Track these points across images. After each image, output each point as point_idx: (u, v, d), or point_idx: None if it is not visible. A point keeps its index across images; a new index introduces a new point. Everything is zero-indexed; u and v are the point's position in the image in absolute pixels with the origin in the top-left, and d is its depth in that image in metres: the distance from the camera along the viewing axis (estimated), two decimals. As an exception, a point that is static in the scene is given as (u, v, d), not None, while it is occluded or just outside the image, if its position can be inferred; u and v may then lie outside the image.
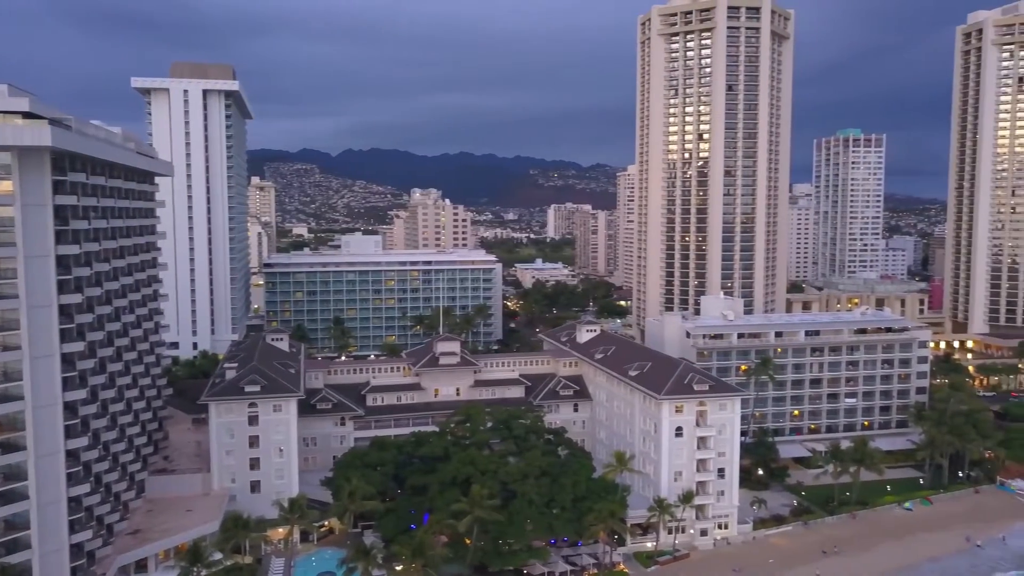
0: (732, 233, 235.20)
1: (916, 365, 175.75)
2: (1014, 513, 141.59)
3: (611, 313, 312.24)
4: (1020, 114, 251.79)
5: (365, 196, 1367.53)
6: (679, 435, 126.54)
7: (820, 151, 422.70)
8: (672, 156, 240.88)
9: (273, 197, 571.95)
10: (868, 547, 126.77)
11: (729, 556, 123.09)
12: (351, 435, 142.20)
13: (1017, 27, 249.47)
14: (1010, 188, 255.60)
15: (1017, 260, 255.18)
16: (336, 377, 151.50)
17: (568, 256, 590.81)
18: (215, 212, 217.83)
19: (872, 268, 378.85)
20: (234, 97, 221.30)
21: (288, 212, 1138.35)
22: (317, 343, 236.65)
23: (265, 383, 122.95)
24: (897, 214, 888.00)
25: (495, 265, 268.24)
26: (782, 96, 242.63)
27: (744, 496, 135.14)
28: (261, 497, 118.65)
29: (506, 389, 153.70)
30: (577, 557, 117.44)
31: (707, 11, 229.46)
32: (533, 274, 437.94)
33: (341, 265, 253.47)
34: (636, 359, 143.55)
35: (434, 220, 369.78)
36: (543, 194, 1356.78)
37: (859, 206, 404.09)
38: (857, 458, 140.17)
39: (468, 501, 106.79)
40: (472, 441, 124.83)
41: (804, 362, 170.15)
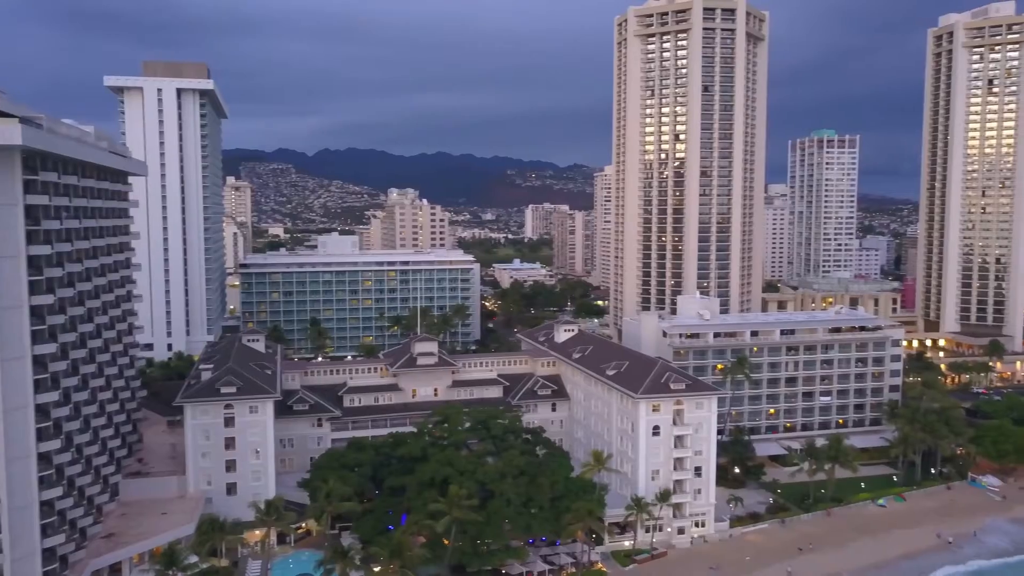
0: (708, 233, 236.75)
1: (889, 363, 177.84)
2: (985, 509, 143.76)
3: (589, 313, 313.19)
4: (990, 116, 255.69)
5: (342, 196, 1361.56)
6: (656, 434, 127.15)
7: (795, 151, 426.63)
8: (649, 156, 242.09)
9: (249, 197, 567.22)
10: (842, 544, 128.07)
11: (706, 554, 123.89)
12: (328, 436, 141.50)
13: (987, 30, 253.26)
14: (980, 189, 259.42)
15: (987, 260, 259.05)
16: (313, 378, 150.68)
17: (546, 256, 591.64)
18: (190, 212, 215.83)
19: (846, 268, 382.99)
20: (209, 96, 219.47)
21: (264, 212, 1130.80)
22: (294, 344, 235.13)
23: (241, 384, 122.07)
24: (870, 214, 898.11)
25: (473, 265, 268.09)
26: (757, 97, 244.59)
27: (721, 494, 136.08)
28: (237, 499, 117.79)
29: (484, 389, 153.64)
30: (555, 556, 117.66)
31: (683, 12, 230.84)
32: (511, 274, 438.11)
33: (318, 265, 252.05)
34: (613, 358, 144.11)
35: (411, 220, 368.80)
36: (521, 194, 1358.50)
37: (833, 206, 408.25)
38: (832, 456, 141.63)
39: (446, 501, 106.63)
40: (450, 441, 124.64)
41: (779, 361, 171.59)
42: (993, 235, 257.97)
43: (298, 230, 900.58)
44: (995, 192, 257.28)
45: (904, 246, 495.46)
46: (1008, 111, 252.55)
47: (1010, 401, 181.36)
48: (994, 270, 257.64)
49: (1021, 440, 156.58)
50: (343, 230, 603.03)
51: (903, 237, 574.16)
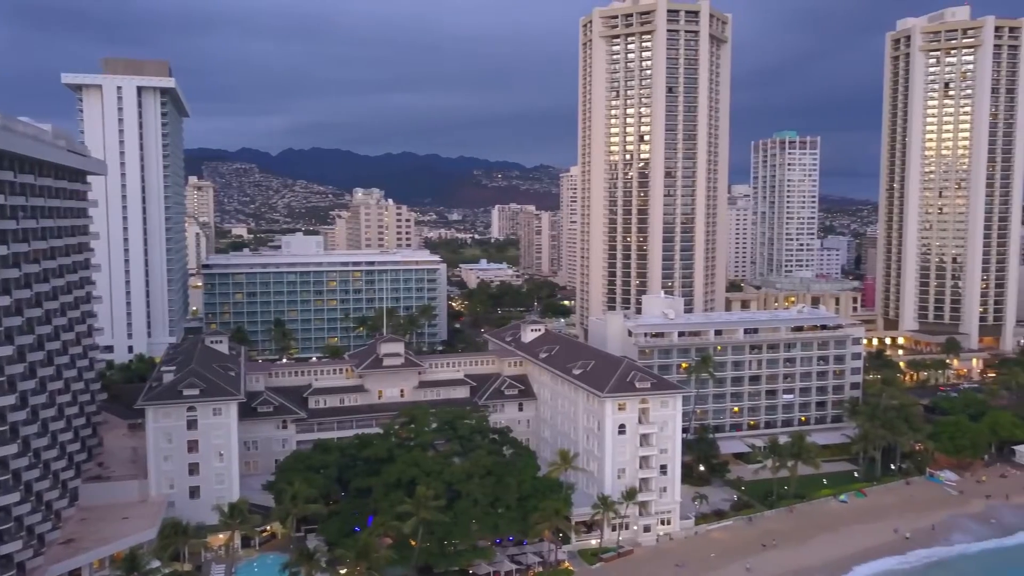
0: (672, 233, 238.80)
1: (850, 361, 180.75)
2: (943, 504, 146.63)
3: (555, 313, 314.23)
4: (946, 118, 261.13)
5: (306, 196, 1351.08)
6: (622, 432, 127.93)
7: (757, 152, 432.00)
8: (614, 157, 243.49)
9: (212, 197, 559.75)
10: (805, 540, 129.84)
11: (672, 551, 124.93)
12: (293, 438, 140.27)
13: (943, 34, 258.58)
14: (937, 190, 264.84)
15: (944, 260, 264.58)
16: (277, 379, 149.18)
17: (512, 256, 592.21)
18: (151, 212, 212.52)
19: (808, 267, 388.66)
20: (170, 94, 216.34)
21: (227, 212, 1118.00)
22: (258, 345, 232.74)
23: (204, 386, 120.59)
24: (831, 215, 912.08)
25: (439, 265, 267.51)
26: (720, 98, 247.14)
27: (686, 492, 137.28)
28: (201, 503, 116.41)
29: (451, 390, 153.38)
30: (522, 556, 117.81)
31: (647, 14, 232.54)
32: (478, 274, 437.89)
33: (282, 266, 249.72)
34: (580, 358, 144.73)
35: (377, 220, 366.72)
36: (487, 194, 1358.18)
37: (795, 206, 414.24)
38: (794, 452, 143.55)
39: (413, 502, 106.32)
40: (417, 442, 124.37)
41: (743, 359, 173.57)
42: (949, 235, 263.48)
43: (262, 230, 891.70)
44: (951, 193, 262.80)
45: (864, 246, 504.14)
46: (963, 114, 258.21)
47: (966, 398, 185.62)
48: (951, 269, 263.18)
49: (977, 436, 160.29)
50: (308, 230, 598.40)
51: (863, 237, 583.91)
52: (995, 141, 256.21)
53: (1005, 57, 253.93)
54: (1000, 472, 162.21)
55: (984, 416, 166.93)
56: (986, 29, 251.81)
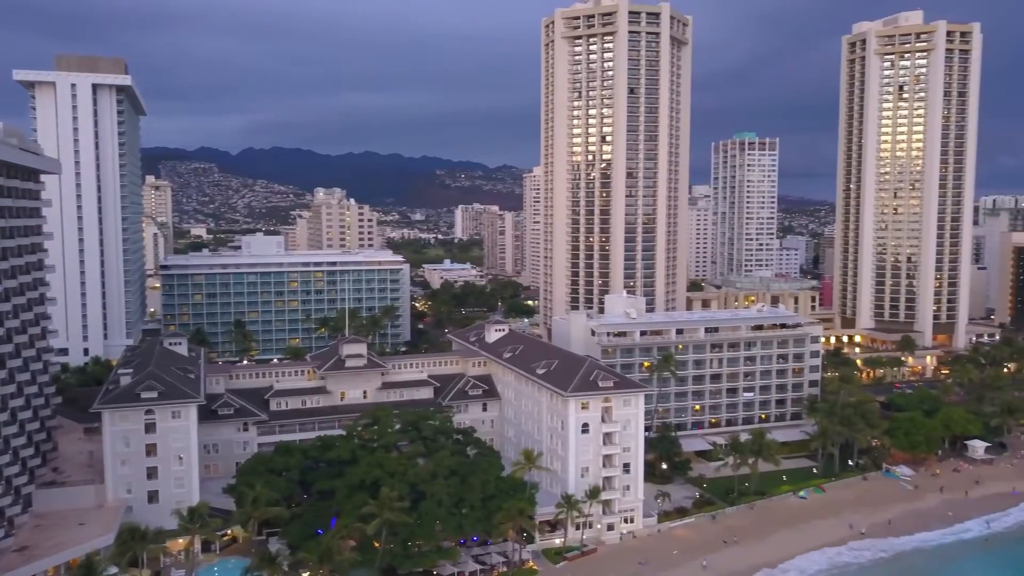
0: (634, 233, 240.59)
1: (809, 359, 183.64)
2: (898, 498, 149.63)
3: (519, 312, 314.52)
4: (901, 121, 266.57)
5: (267, 196, 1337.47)
6: (585, 431, 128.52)
7: (717, 153, 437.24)
8: (576, 158, 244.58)
9: (170, 197, 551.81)
10: (764, 536, 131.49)
11: (635, 549, 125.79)
12: (254, 441, 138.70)
13: (897, 38, 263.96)
14: (892, 191, 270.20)
15: (899, 259, 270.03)
16: (238, 382, 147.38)
17: (476, 256, 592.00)
18: (107, 212, 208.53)
19: (767, 267, 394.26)
20: (126, 92, 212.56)
21: (186, 212, 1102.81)
22: (218, 347, 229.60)
23: (163, 389, 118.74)
24: (790, 215, 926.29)
25: (402, 266, 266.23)
26: (681, 100, 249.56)
27: (649, 490, 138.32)
28: (160, 507, 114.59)
29: (415, 390, 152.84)
30: (487, 556, 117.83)
31: (609, 15, 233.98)
32: (441, 275, 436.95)
33: (242, 266, 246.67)
34: (543, 357, 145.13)
35: (339, 220, 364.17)
36: (450, 195, 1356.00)
37: (755, 207, 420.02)
38: (755, 450, 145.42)
39: (377, 504, 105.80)
40: (380, 444, 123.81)
41: (704, 358, 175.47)
42: (904, 235, 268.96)
43: (221, 230, 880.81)
44: (906, 194, 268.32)
45: (822, 246, 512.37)
46: (917, 116, 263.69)
47: (921, 394, 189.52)
48: (905, 268, 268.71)
49: (931, 431, 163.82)
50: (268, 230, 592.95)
51: (821, 237, 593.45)
52: (947, 143, 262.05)
53: (957, 61, 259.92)
54: (953, 466, 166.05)
55: (938, 412, 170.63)
56: (938, 34, 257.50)
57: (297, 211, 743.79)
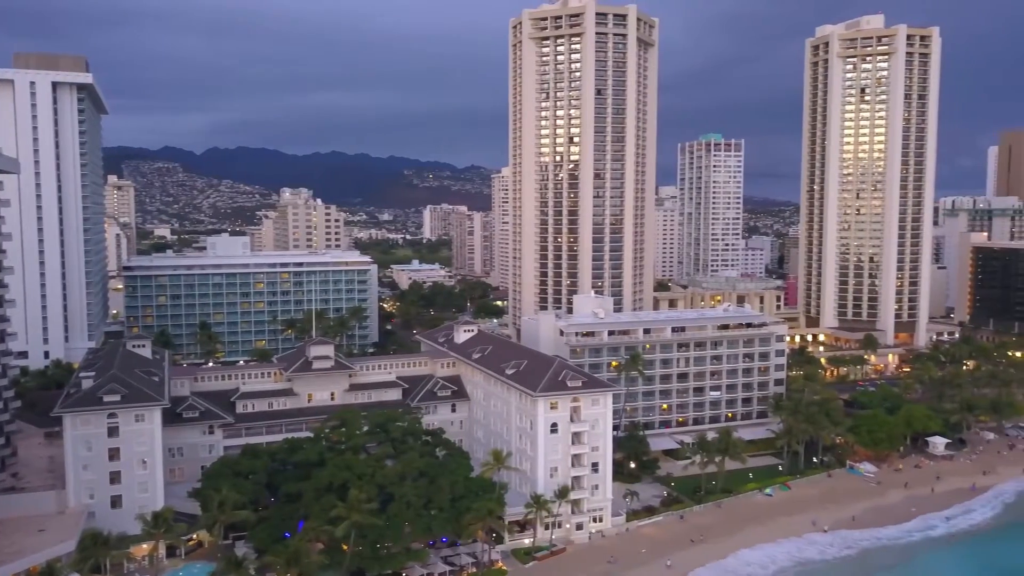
0: (602, 234, 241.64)
1: (774, 358, 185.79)
2: (862, 494, 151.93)
3: (488, 313, 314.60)
4: (863, 123, 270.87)
5: (232, 196, 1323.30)
6: (554, 431, 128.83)
7: (684, 155, 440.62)
8: (544, 158, 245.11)
9: (132, 197, 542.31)
10: (731, 533, 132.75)
11: (604, 548, 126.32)
12: (220, 444, 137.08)
13: (859, 41, 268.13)
14: (855, 191, 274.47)
15: (862, 259, 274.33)
16: (203, 384, 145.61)
17: (445, 257, 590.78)
18: (67, 212, 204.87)
19: (733, 267, 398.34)
20: (87, 90, 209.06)
21: (149, 213, 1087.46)
22: (182, 349, 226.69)
23: (126, 392, 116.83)
24: (755, 215, 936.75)
25: (370, 266, 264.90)
26: (648, 101, 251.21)
27: (617, 489, 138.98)
28: (123, 512, 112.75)
29: (383, 392, 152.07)
30: (456, 557, 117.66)
31: (576, 17, 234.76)
32: (410, 275, 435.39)
33: (207, 267, 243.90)
34: (512, 358, 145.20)
35: (305, 220, 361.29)
36: (418, 195, 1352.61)
37: (720, 208, 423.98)
38: (722, 448, 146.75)
39: (346, 506, 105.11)
40: (348, 446, 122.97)
41: (671, 357, 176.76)
42: (867, 235, 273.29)
43: (186, 231, 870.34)
44: (868, 195, 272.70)
45: (786, 246, 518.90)
46: (879, 118, 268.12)
47: (883, 392, 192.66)
48: (868, 268, 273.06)
49: (893, 428, 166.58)
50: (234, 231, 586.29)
51: (785, 237, 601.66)
52: (908, 145, 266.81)
53: (917, 64, 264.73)
54: (915, 463, 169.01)
55: (900, 409, 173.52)
56: (899, 37, 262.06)
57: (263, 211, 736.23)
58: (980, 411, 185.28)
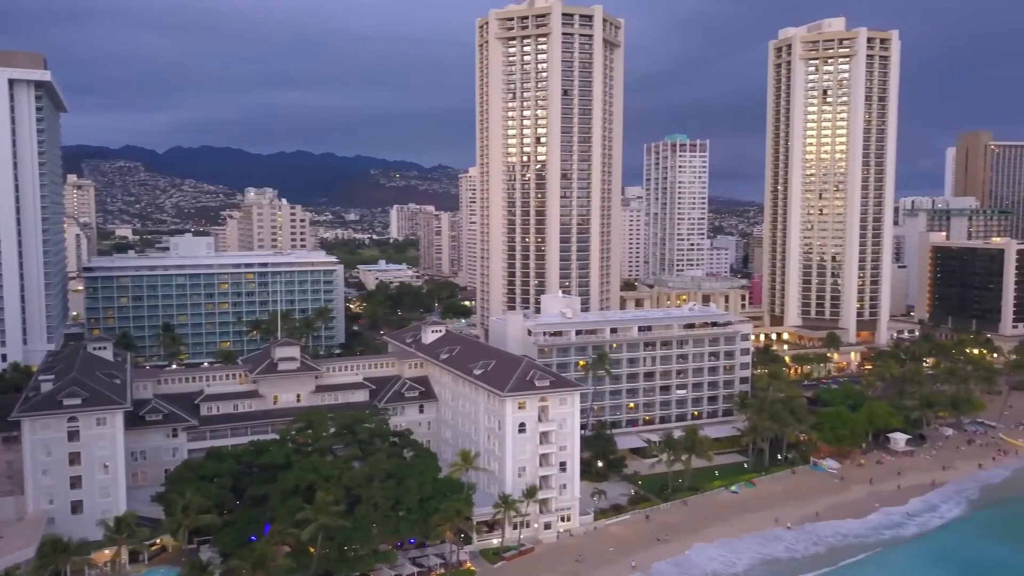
0: (569, 234, 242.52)
1: (739, 357, 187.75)
2: (825, 490, 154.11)
3: (456, 313, 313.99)
4: (825, 124, 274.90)
5: (195, 196, 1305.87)
6: (522, 431, 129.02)
7: (649, 155, 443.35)
8: (511, 159, 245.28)
9: (93, 196, 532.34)
10: (697, 530, 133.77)
11: (572, 547, 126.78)
12: (184, 447, 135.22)
13: (821, 43, 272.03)
14: (817, 192, 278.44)
15: (824, 258, 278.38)
16: (167, 386, 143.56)
17: (412, 257, 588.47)
18: (25, 212, 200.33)
19: (698, 266, 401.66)
20: (45, 88, 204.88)
21: (110, 212, 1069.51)
22: (145, 351, 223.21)
23: (87, 395, 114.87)
24: (720, 215, 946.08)
25: (336, 267, 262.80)
26: (614, 101, 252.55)
27: (585, 488, 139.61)
28: (84, 518, 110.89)
29: (350, 393, 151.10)
30: (424, 558, 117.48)
31: (542, 17, 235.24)
32: (376, 275, 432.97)
33: (170, 268, 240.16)
34: (480, 358, 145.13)
35: (270, 220, 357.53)
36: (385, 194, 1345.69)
37: (686, 208, 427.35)
38: (688, 446, 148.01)
39: (313, 508, 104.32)
40: (314, 447, 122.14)
41: (638, 356, 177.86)
42: (829, 235, 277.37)
43: (148, 231, 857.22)
44: (830, 195, 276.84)
45: (751, 245, 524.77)
46: (840, 120, 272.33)
47: (846, 389, 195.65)
48: (830, 267, 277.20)
49: (856, 425, 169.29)
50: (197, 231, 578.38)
51: (750, 237, 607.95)
52: (869, 146, 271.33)
53: (877, 67, 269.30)
54: (877, 459, 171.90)
55: (862, 406, 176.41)
56: (860, 40, 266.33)
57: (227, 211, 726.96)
58: (939, 407, 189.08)
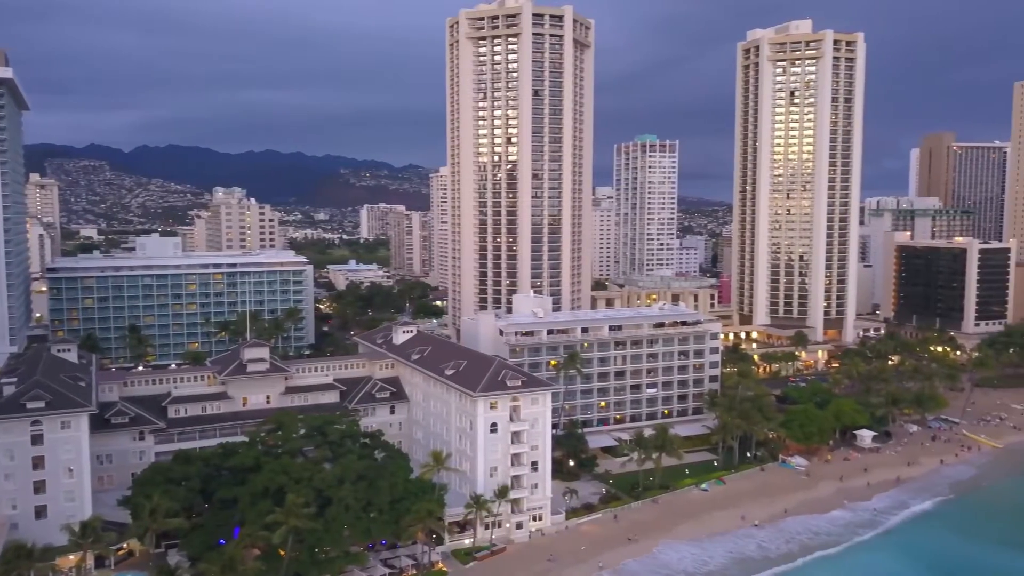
0: (541, 234, 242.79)
1: (709, 355, 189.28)
2: (793, 487, 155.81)
3: (427, 313, 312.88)
4: (792, 125, 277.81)
5: (162, 195, 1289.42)
6: (494, 431, 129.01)
7: (620, 155, 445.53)
8: (482, 158, 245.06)
9: (56, 196, 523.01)
10: (668, 528, 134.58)
11: (544, 547, 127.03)
12: (151, 450, 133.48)
13: (788, 45, 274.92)
14: (785, 192, 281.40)
15: (792, 258, 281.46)
16: (133, 389, 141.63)
17: (383, 257, 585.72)
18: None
19: (668, 266, 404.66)
20: (7, 85, 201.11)
21: (75, 212, 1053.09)
22: (111, 353, 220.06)
23: (51, 398, 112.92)
24: (689, 215, 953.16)
25: (305, 267, 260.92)
26: (585, 102, 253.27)
27: (556, 487, 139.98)
28: (48, 523, 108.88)
29: (320, 395, 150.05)
30: (396, 559, 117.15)
31: (513, 17, 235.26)
32: (347, 276, 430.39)
33: (136, 268, 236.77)
34: (452, 358, 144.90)
35: (239, 220, 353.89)
36: (355, 194, 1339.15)
37: (656, 208, 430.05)
38: (658, 445, 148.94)
39: (283, 511, 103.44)
40: (284, 449, 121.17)
41: (609, 355, 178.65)
42: (797, 235, 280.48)
43: (114, 231, 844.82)
44: (798, 195, 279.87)
45: (720, 245, 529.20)
46: (808, 121, 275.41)
47: (813, 387, 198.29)
48: (798, 267, 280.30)
49: (823, 422, 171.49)
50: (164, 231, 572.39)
51: (719, 237, 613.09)
52: (835, 147, 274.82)
53: (843, 69, 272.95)
54: (844, 455, 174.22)
55: (829, 404, 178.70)
56: (826, 42, 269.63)
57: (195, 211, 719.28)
58: (904, 404, 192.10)
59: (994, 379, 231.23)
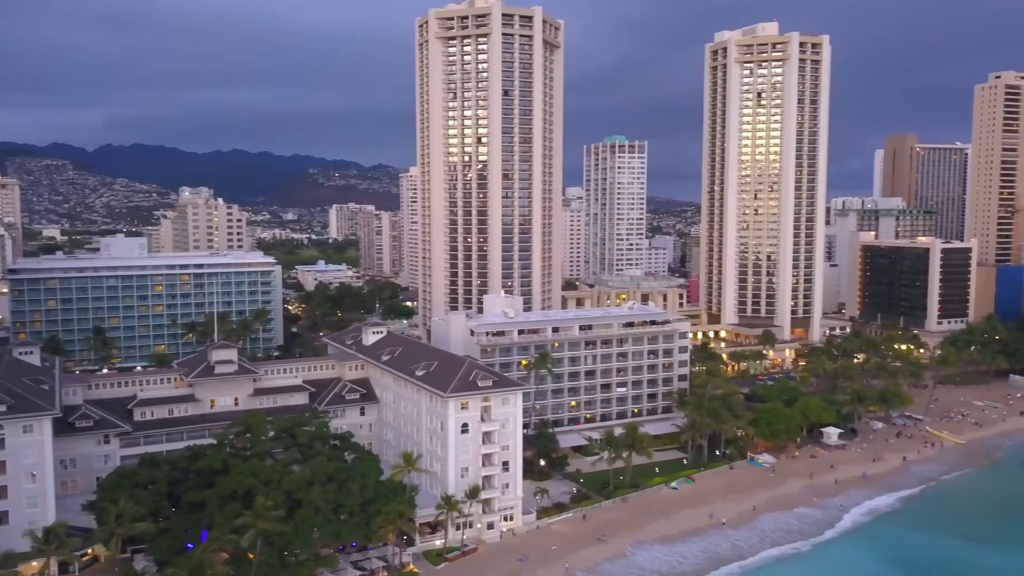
0: (511, 234, 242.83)
1: (678, 354, 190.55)
2: (762, 484, 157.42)
3: (398, 314, 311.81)
4: (759, 126, 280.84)
5: (127, 195, 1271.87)
6: (465, 431, 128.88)
7: (589, 156, 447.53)
8: (453, 158, 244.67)
9: (18, 196, 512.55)
10: (638, 527, 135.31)
11: (515, 546, 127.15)
12: (117, 453, 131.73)
13: (755, 47, 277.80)
14: (753, 192, 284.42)
15: (760, 257, 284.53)
16: (98, 392, 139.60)
17: (352, 257, 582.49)
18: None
19: (637, 266, 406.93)
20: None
21: (37, 212, 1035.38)
22: (75, 356, 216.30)
23: (12, 402, 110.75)
24: (658, 215, 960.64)
25: (274, 267, 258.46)
26: (554, 102, 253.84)
27: (527, 487, 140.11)
28: (10, 529, 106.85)
29: (289, 396, 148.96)
30: (366, 561, 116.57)
31: (482, 17, 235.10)
32: (316, 276, 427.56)
33: (101, 269, 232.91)
34: (422, 359, 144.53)
35: (206, 220, 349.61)
36: (324, 194, 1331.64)
37: (625, 208, 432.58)
38: (629, 444, 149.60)
39: (251, 514, 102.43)
40: (253, 452, 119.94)
41: (579, 355, 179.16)
42: (764, 235, 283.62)
43: (77, 232, 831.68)
44: (765, 196, 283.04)
45: (688, 245, 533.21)
46: (774, 122, 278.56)
47: (781, 385, 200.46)
48: (765, 266, 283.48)
49: (791, 420, 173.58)
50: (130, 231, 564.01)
51: (687, 237, 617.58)
52: (801, 148, 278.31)
53: (809, 70, 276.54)
54: (811, 452, 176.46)
55: (796, 402, 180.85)
56: (792, 44, 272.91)
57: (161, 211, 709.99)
58: (870, 402, 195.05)
59: (956, 376, 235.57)
